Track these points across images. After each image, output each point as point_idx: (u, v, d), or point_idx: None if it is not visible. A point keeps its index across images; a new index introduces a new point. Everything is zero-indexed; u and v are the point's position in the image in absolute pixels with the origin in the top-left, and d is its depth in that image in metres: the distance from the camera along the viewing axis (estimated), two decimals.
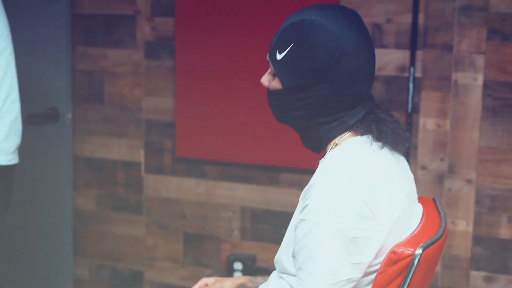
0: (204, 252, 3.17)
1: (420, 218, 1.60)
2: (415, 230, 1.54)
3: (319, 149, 1.63)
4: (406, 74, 2.74)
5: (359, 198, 1.40)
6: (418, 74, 2.73)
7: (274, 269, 1.68)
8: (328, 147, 1.58)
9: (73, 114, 3.30)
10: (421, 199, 1.70)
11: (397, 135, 1.56)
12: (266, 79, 1.60)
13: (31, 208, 3.28)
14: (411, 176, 1.65)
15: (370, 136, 1.53)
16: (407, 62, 2.74)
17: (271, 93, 1.59)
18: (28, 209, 3.26)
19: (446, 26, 2.67)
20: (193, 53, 3.03)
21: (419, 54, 2.71)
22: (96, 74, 3.26)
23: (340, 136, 1.55)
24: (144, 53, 3.16)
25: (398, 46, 2.74)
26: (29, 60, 2.97)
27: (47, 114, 3.22)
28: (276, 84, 1.57)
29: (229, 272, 3.05)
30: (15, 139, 2.33)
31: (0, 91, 2.26)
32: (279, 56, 1.52)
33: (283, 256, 1.58)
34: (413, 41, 2.70)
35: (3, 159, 2.28)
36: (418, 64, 2.72)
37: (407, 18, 2.71)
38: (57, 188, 3.34)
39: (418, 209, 1.63)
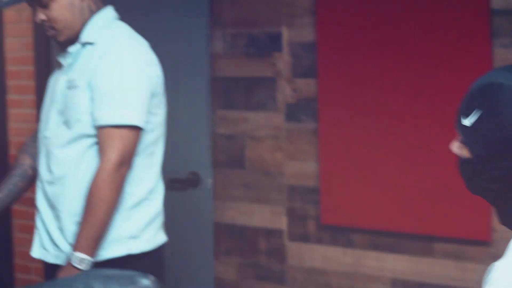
0: None
1: None
2: None
3: None
4: None
5: None
6: None
7: None
8: None
9: (214, 179, 3.22)
10: None
11: None
12: (456, 146, 1.42)
13: (171, 276, 3.20)
14: None
15: None
16: None
17: (461, 162, 1.42)
18: (169, 277, 3.18)
19: None
20: (337, 115, 2.86)
21: None
22: (236, 138, 3.16)
23: None
24: (285, 116, 3.03)
25: None
26: (169, 124, 2.92)
27: (188, 179, 3.16)
28: (465, 152, 1.39)
29: None
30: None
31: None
32: (465, 122, 1.36)
33: None
34: None
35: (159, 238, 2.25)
36: None
37: None
38: (197, 256, 3.24)
39: None
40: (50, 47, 3.64)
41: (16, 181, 2.29)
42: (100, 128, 2.04)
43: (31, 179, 2.34)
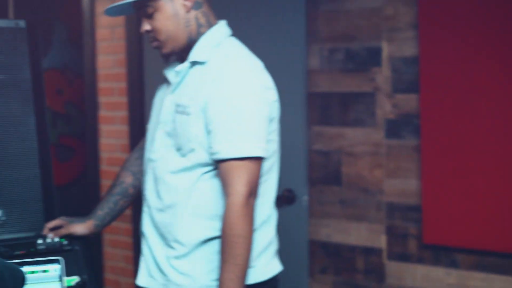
0: None
1: None
2: None
3: None
4: None
5: None
6: None
7: None
8: None
9: (309, 196, 3.16)
10: None
11: None
12: None
13: None
14: None
15: None
16: None
17: None
18: None
19: None
20: (441, 131, 2.77)
21: None
22: (333, 155, 3.10)
23: None
24: (385, 132, 2.95)
25: None
26: None
27: (283, 196, 3.12)
28: None
29: None
30: None
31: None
32: None
33: None
34: None
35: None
36: None
37: None
38: (292, 273, 3.18)
39: None
40: (143, 64, 3.67)
41: (116, 199, 2.25)
42: (221, 162, 1.92)
43: (132, 198, 2.29)
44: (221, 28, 2.05)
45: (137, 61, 3.69)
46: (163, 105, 2.07)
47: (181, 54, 2.06)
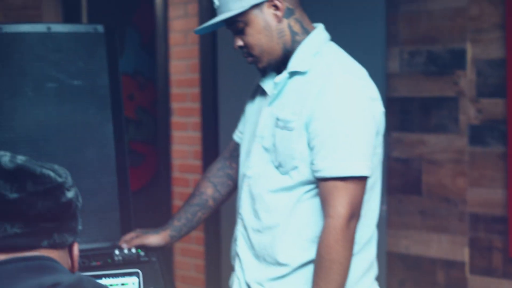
0: None
1: None
2: None
3: None
4: None
5: None
6: None
7: None
8: None
9: (387, 205, 3.05)
10: None
11: None
12: None
13: None
14: None
15: None
16: None
17: None
18: None
19: None
20: None
21: None
22: (413, 162, 2.98)
23: None
24: (469, 139, 2.82)
25: None
26: None
27: None
28: None
29: None
30: None
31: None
32: None
33: None
34: None
35: None
36: None
37: None
38: None
39: None
40: (217, 70, 3.62)
41: (195, 210, 2.14)
42: (322, 180, 1.78)
43: (211, 210, 2.19)
44: (320, 33, 1.91)
45: (211, 66, 3.65)
46: (261, 118, 1.94)
47: (278, 64, 1.93)
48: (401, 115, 2.99)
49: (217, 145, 3.62)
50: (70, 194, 1.19)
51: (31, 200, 1.13)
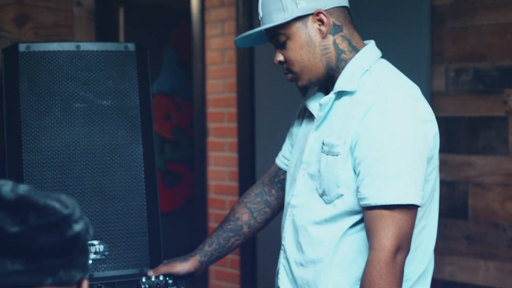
0: None
1: None
2: None
3: None
4: None
5: None
6: None
7: None
8: None
9: None
10: None
11: None
12: None
13: None
14: None
15: None
16: None
17: None
18: None
19: None
20: None
21: None
22: (459, 185, 2.83)
23: None
24: None
25: None
26: None
27: None
28: None
29: None
30: None
31: None
32: None
33: None
34: None
35: None
36: None
37: None
38: None
39: None
40: (254, 89, 3.53)
41: (228, 236, 2.03)
42: (368, 209, 1.62)
43: (246, 237, 2.07)
44: (369, 50, 1.75)
45: (248, 85, 3.56)
46: (307, 143, 1.81)
47: (323, 84, 1.81)
48: (447, 136, 2.85)
49: (254, 166, 3.52)
50: (77, 227, 1.09)
51: (34, 234, 1.03)
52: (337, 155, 1.69)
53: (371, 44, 1.78)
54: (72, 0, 2.46)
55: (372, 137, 1.62)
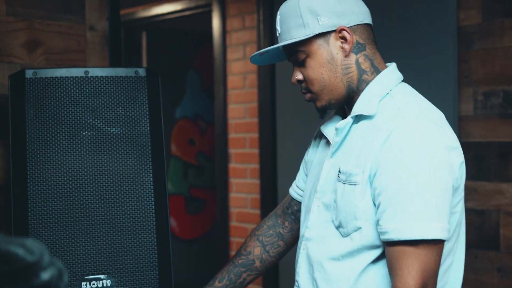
0: None
1: None
2: None
3: None
4: None
5: None
6: None
7: None
8: None
9: None
10: None
11: None
12: None
13: None
14: None
15: None
16: None
17: None
18: None
19: None
20: None
21: None
22: (490, 214, 2.69)
23: None
24: None
25: None
26: None
27: None
28: None
29: None
30: None
31: None
32: None
33: None
34: None
35: None
36: None
37: None
38: None
39: None
40: (276, 113, 3.43)
41: (240, 272, 1.92)
42: (390, 244, 1.50)
43: (258, 273, 1.95)
44: (391, 73, 1.64)
45: (270, 110, 3.46)
46: (322, 171, 1.69)
47: (341, 107, 1.70)
48: (476, 162, 2.72)
49: (276, 194, 3.41)
50: (46, 275, 0.98)
51: None
52: (355, 184, 1.56)
53: (392, 66, 1.67)
54: (85, 24, 2.40)
55: (393, 166, 1.50)
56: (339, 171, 1.61)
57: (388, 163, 1.50)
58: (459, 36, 2.73)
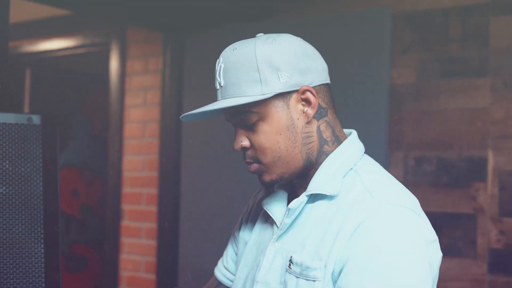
0: None
1: None
2: None
3: None
4: None
5: None
6: None
7: None
8: None
9: None
10: None
11: None
12: None
13: None
14: None
15: None
16: None
17: None
18: None
19: None
20: None
21: None
22: None
23: None
24: (488, 266, 2.35)
25: None
26: None
27: None
28: None
29: None
30: None
31: None
32: None
33: None
34: None
35: None
36: None
37: None
38: None
39: None
40: (180, 169, 3.09)
41: None
42: None
43: None
44: (353, 144, 1.37)
45: (173, 164, 3.11)
46: (265, 257, 1.37)
47: (292, 180, 1.39)
48: None
49: (177, 259, 3.05)
50: None
51: None
52: (313, 280, 1.26)
53: (353, 136, 1.38)
54: None
55: (365, 264, 1.21)
56: (291, 261, 1.30)
57: (359, 260, 1.21)
58: (391, 95, 2.52)
